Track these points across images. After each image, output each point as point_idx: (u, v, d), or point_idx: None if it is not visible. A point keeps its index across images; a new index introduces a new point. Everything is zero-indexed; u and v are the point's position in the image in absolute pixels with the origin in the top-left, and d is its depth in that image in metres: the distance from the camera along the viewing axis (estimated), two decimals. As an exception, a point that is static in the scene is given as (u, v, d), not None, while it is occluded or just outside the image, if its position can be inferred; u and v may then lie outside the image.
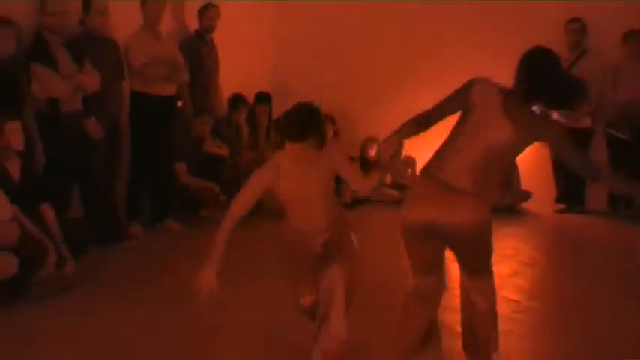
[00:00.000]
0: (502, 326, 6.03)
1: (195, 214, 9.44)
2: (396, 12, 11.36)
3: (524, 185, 10.75)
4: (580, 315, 6.68)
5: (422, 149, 10.96)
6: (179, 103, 9.22)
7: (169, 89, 8.93)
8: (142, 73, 8.62)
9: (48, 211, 6.98)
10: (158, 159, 8.90)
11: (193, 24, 9.76)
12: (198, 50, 9.53)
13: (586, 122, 10.43)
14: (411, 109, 10.69)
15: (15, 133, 6.77)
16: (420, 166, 10.69)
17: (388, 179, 11.21)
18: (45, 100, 7.48)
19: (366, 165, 11.19)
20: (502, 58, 9.48)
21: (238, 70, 10.35)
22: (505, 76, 6.53)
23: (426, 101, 10.54)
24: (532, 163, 10.61)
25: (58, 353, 5.53)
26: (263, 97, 10.88)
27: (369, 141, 11.32)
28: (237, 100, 10.36)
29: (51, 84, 7.48)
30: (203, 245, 8.00)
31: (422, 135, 10.71)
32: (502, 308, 6.36)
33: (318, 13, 11.66)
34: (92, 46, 8.04)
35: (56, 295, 6.60)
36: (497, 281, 7.11)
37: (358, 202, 10.81)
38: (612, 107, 10.22)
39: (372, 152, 11.27)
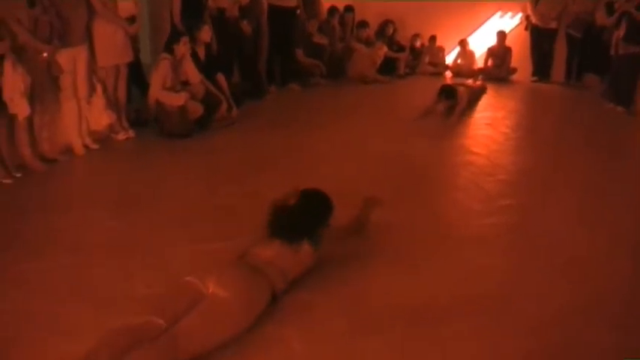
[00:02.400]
0: (499, 146, 6.26)
1: (308, 80, 9.37)
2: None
3: (513, 64, 10.41)
4: (545, 136, 7.14)
5: (449, 41, 10.80)
6: (298, 11, 9.04)
7: (292, 2, 8.76)
8: (275, -6, 8.48)
9: (221, 78, 7.09)
10: (285, 46, 8.84)
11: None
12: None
13: (553, 24, 10.00)
14: (442, 20, 10.58)
15: (205, 32, 6.85)
16: (447, 53, 10.57)
17: (427, 59, 10.97)
18: (216, 10, 7.42)
19: (413, 51, 10.97)
20: None
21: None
22: None
23: (452, 18, 10.41)
24: (518, 48, 10.31)
25: (226, 159, 5.84)
26: (349, 8, 10.59)
27: (415, 36, 11.03)
28: (332, 9, 10.12)
29: (220, 0, 7.43)
30: (310, 102, 8.20)
31: (450, 30, 10.50)
32: (499, 137, 6.50)
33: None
34: (244, -25, 7.88)
35: (226, 128, 6.79)
36: (494, 121, 7.23)
37: (408, 73, 10.66)
38: (570, 15, 9.76)
39: (417, 43, 11.02)
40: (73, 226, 4.21)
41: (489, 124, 7.28)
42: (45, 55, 5.24)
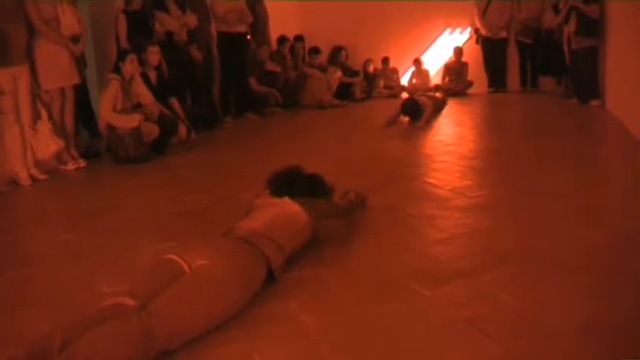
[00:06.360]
0: (475, 136, 6.28)
1: (264, 109, 8.89)
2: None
3: (469, 77, 10.20)
4: (514, 124, 7.39)
5: (403, 63, 10.55)
6: (248, 37, 8.64)
7: (242, 28, 8.29)
8: (223, 19, 8.01)
9: (174, 102, 6.60)
10: (238, 74, 8.37)
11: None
12: (254, 6, 8.82)
13: (503, 34, 9.89)
14: (392, 42, 10.35)
15: (152, 53, 6.39)
16: (401, 74, 10.30)
17: (381, 82, 10.68)
18: (164, 33, 6.99)
19: (366, 76, 10.66)
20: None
21: (281, 21, 9.68)
22: None
23: (402, 39, 10.20)
24: (471, 62, 10.11)
25: (187, 174, 5.47)
26: (299, 37, 10.22)
27: (367, 61, 10.70)
28: (282, 39, 9.76)
29: (167, 23, 7.01)
30: (270, 127, 7.67)
31: (402, 51, 10.25)
32: (471, 132, 6.30)
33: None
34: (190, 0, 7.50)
35: (186, 152, 6.21)
36: (462, 122, 7.09)
37: (364, 98, 10.30)
38: (519, 22, 9.66)
39: (370, 68, 10.71)
40: (20, 242, 3.65)
41: (458, 124, 7.06)
42: (-21, 69, 4.67)
